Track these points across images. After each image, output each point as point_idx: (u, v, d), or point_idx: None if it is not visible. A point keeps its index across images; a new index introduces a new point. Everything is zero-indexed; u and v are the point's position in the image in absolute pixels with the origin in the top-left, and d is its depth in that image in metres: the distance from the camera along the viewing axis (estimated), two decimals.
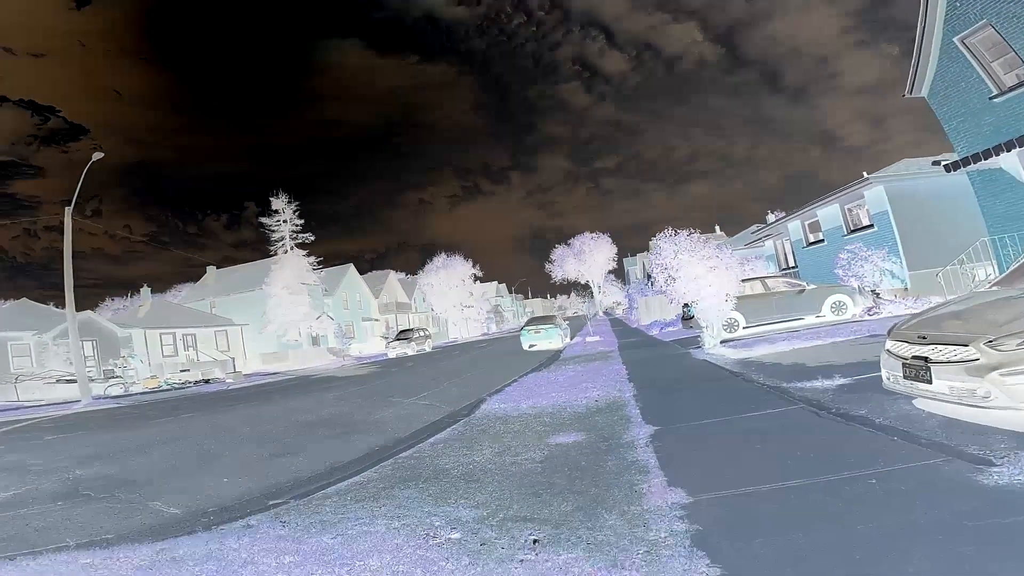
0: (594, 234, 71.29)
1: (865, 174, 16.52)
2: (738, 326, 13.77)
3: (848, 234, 16.63)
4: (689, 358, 11.08)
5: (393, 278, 62.11)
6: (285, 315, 36.45)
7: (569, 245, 72.76)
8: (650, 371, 10.38)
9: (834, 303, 13.62)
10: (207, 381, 27.77)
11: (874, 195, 15.27)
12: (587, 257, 68.98)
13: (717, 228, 60.23)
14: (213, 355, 36.23)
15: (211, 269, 50.28)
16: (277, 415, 11.40)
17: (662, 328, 20.38)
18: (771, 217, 38.47)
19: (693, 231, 11.06)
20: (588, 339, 21.43)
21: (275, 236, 38.45)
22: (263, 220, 38.15)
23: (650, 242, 11.20)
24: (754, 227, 36.45)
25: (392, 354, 34.92)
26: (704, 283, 10.59)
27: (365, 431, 8.47)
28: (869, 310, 13.11)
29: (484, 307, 65.75)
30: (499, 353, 24.11)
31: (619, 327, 31.12)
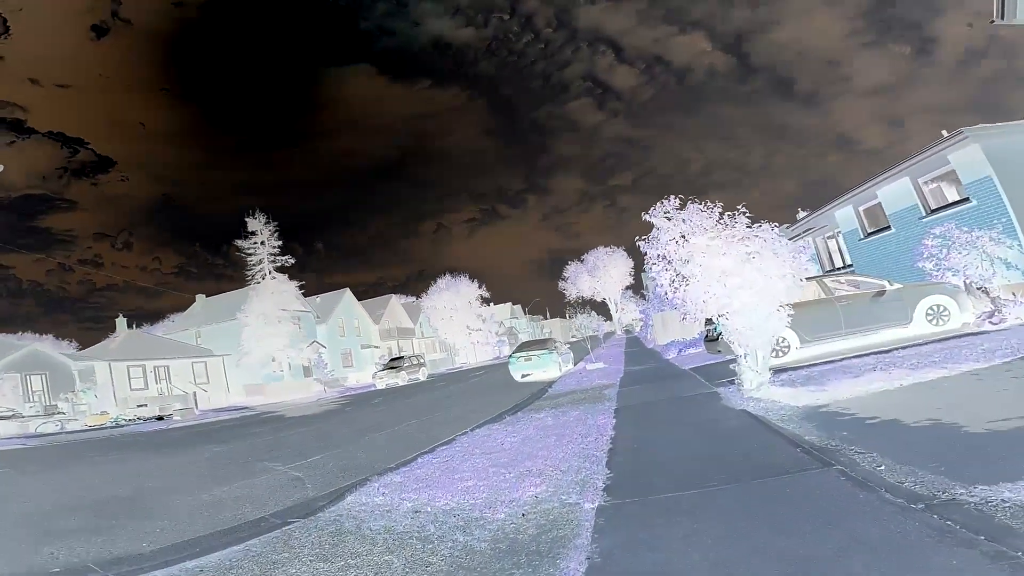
0: (608, 248, 67.15)
1: (944, 132, 12.28)
2: (788, 348, 9.51)
3: (928, 215, 12.29)
4: (718, 407, 6.88)
5: (395, 302, 58.74)
6: (263, 346, 33.06)
7: (582, 261, 68.82)
8: (650, 435, 6.22)
9: (931, 308, 9.30)
10: (160, 418, 24.34)
11: (967, 158, 10.99)
12: (601, 273, 64.72)
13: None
14: (188, 388, 32.95)
15: (200, 297, 47.61)
16: (96, 483, 8.62)
17: (681, 350, 16.12)
18: (802, 214, 33.87)
19: (711, 204, 6.98)
20: (589, 366, 17.27)
21: (252, 260, 35.36)
22: (238, 243, 35.07)
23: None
24: (783, 226, 31.84)
25: (380, 384, 31.13)
26: (739, 282, 6.47)
27: (99, 533, 4.80)
28: (990, 316, 8.76)
29: (493, 329, 61.63)
30: (486, 386, 20.06)
31: (633, 348, 26.78)
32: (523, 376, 18.87)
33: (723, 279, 6.43)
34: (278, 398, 32.87)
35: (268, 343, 32.69)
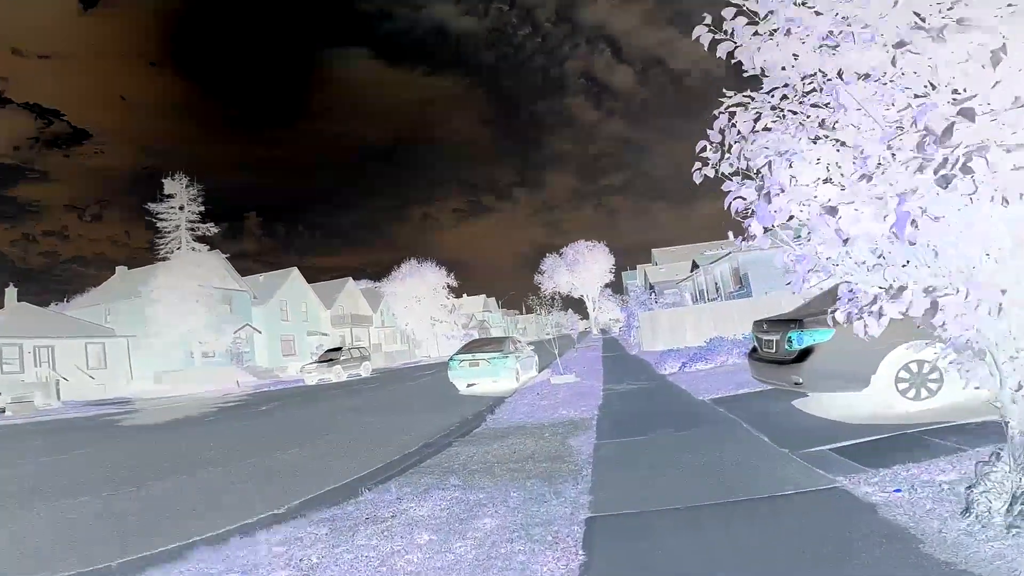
0: (589, 242, 62.70)
1: None
2: (939, 380, 4.77)
3: None
4: None
5: (352, 287, 53.19)
6: (173, 327, 27.49)
7: (561, 255, 64.20)
8: None
9: None
10: (2, 411, 18.79)
11: None
12: (581, 268, 60.19)
13: (731, 234, 51.94)
14: (74, 374, 27.26)
15: (120, 270, 41.29)
16: None
17: (684, 363, 11.43)
18: None
19: None
20: (556, 379, 12.44)
21: (167, 226, 29.55)
22: (150, 206, 29.19)
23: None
24: None
25: (310, 380, 25.91)
26: None
27: None
28: None
29: (460, 321, 56.57)
30: (421, 393, 15.23)
31: (613, 352, 22.13)
32: (468, 386, 14.06)
33: None
34: (186, 388, 27.37)
35: (179, 324, 27.14)
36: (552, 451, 5.52)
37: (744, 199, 2.49)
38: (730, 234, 2.88)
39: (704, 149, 3.03)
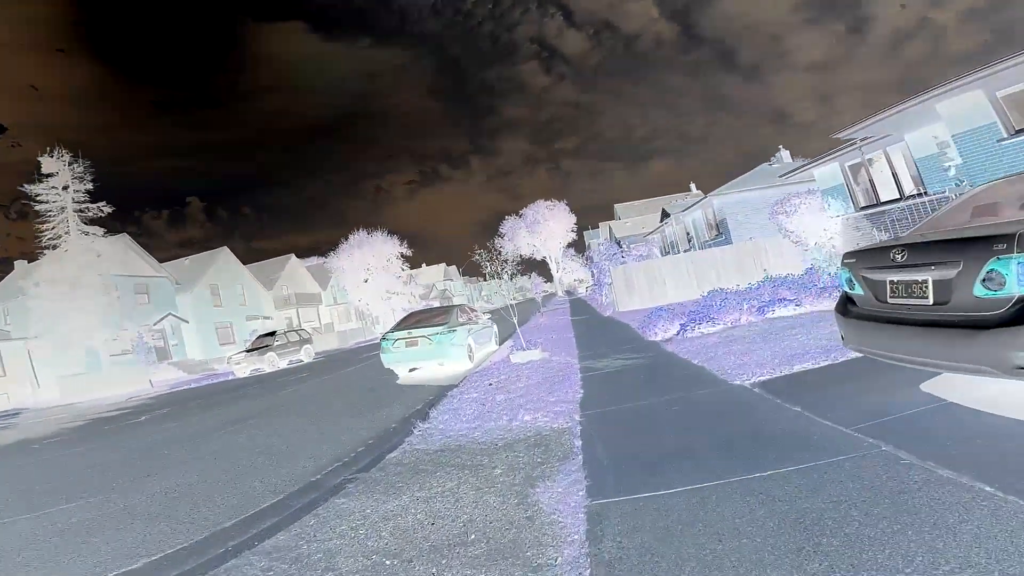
0: (549, 202, 59.66)
1: None
2: None
3: None
4: None
5: (296, 264, 48.90)
6: (62, 325, 23.35)
7: (521, 216, 61.06)
8: None
9: None
10: None
11: None
12: (542, 228, 57.30)
13: (693, 186, 50.47)
14: None
15: (20, 264, 35.92)
16: None
17: (683, 328, 8.78)
18: (783, 153, 27.37)
19: None
20: (516, 356, 9.63)
21: (50, 210, 24.91)
22: (27, 188, 24.40)
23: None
24: (779, 158, 25.29)
25: (240, 372, 22.53)
26: None
27: None
28: None
29: (418, 292, 53.18)
30: (357, 381, 12.31)
31: (583, 316, 19.60)
32: (410, 370, 11.26)
33: None
34: (97, 393, 23.57)
35: (69, 321, 23.04)
36: (504, 525, 2.73)
37: None
38: None
39: None
